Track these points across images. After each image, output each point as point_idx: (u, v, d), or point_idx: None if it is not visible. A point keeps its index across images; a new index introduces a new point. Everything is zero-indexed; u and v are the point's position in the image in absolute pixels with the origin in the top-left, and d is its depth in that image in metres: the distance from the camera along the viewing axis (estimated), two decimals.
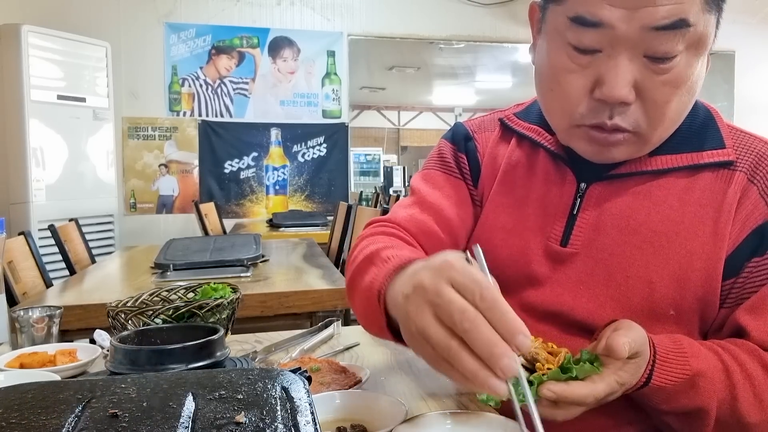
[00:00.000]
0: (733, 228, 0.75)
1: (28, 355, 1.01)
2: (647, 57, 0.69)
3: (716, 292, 0.75)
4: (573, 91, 0.73)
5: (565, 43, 0.72)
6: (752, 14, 5.48)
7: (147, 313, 1.01)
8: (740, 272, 0.75)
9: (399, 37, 5.03)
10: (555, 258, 0.82)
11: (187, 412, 0.48)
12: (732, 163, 0.77)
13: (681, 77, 0.70)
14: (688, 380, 0.68)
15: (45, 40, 3.71)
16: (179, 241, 2.44)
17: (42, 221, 3.46)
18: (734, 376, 0.70)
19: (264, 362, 1.02)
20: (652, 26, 0.66)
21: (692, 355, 0.69)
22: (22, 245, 2.25)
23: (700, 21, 0.67)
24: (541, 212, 0.84)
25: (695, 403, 0.69)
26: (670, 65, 0.69)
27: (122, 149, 4.53)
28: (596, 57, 0.70)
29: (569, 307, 0.79)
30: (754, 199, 0.75)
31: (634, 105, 0.71)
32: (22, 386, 0.54)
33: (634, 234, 0.78)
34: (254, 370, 0.57)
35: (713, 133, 0.80)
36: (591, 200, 0.81)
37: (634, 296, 0.76)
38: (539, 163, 0.87)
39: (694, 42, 0.69)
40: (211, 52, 4.66)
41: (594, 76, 0.71)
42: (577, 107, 0.73)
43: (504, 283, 0.77)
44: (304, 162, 4.89)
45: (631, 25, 0.66)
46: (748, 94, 5.54)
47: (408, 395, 0.85)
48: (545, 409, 0.63)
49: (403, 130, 10.35)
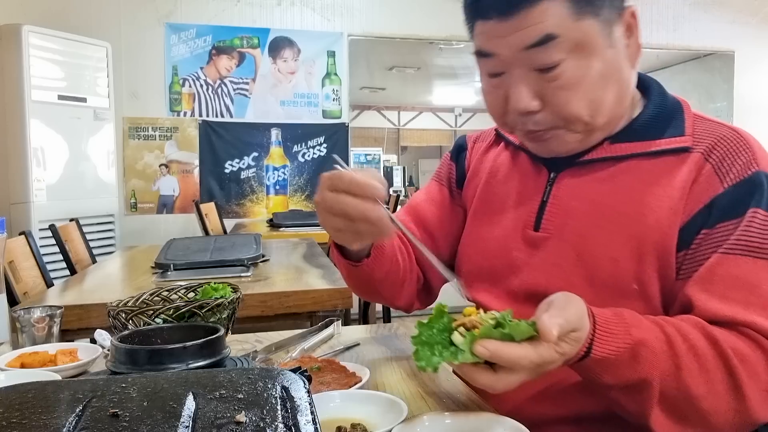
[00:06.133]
0: (688, 202, 0.80)
1: (29, 354, 1.01)
2: (537, 70, 0.79)
3: (672, 265, 0.80)
4: (496, 107, 0.87)
5: (482, 72, 0.87)
6: (752, 14, 5.47)
7: (147, 312, 1.01)
8: (690, 244, 0.79)
9: (399, 38, 5.02)
10: (531, 243, 0.90)
11: (188, 412, 0.48)
12: (688, 148, 0.83)
13: (573, 80, 0.79)
14: (629, 350, 0.67)
15: (45, 40, 3.71)
16: (180, 241, 2.44)
17: (43, 221, 3.46)
18: (677, 346, 0.69)
19: (264, 362, 1.02)
20: (524, 47, 0.78)
21: (633, 325, 0.69)
22: (22, 245, 2.25)
23: (569, 30, 0.77)
24: (519, 204, 0.94)
25: (638, 374, 0.68)
26: (557, 72, 0.79)
27: (123, 149, 4.52)
28: (502, 78, 0.83)
29: (544, 288, 0.80)
30: (708, 175, 0.80)
31: (544, 111, 0.82)
32: (22, 386, 0.54)
33: (599, 216, 0.85)
34: (254, 370, 0.57)
35: (677, 123, 0.86)
36: (560, 186, 0.90)
37: (601, 273, 0.82)
38: (520, 163, 0.98)
39: (575, 47, 0.78)
40: (211, 52, 4.65)
41: (504, 93, 0.84)
42: (504, 119, 0.87)
43: (492, 273, 0.95)
44: (304, 162, 4.89)
45: (511, 50, 0.79)
46: (747, 93, 5.53)
47: (408, 395, 0.86)
48: (483, 378, 0.64)
49: (403, 130, 10.33)
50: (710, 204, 0.78)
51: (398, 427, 0.69)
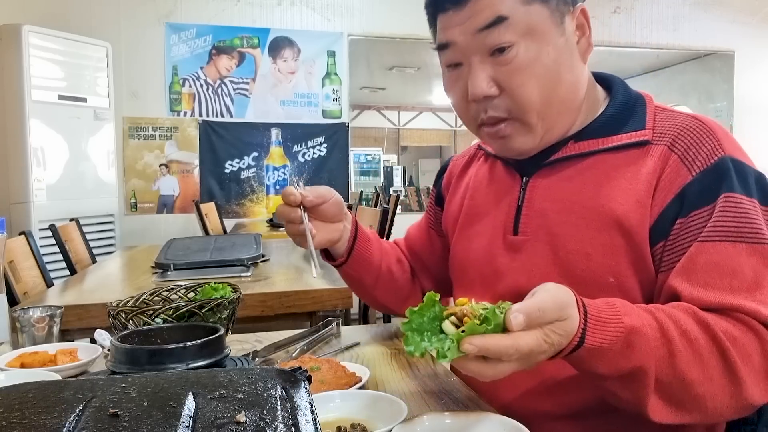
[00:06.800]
0: (658, 194, 0.81)
1: (29, 354, 1.01)
2: (492, 55, 0.84)
3: (647, 258, 0.81)
4: (458, 100, 0.91)
5: (443, 67, 0.92)
6: (752, 14, 5.48)
7: (147, 312, 1.01)
8: (668, 236, 0.80)
9: (399, 37, 5.03)
10: (511, 247, 0.93)
11: (188, 412, 0.48)
12: (648, 142, 0.85)
13: (526, 62, 0.83)
14: (622, 338, 0.67)
15: (46, 40, 3.71)
16: (180, 240, 2.44)
17: (43, 221, 3.46)
18: (670, 332, 0.69)
19: (264, 362, 1.02)
20: (477, 29, 0.83)
21: (625, 313, 0.69)
22: (22, 245, 2.25)
23: (518, 13, 0.82)
24: (499, 211, 0.97)
25: (633, 363, 0.68)
26: (510, 55, 0.83)
27: (123, 149, 4.52)
28: (461, 70, 0.88)
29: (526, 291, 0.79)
30: (675, 166, 0.81)
31: (501, 97, 0.85)
32: (22, 386, 0.54)
33: (569, 213, 0.87)
34: (254, 370, 0.57)
35: (638, 117, 0.88)
36: (532, 189, 0.93)
37: (576, 269, 0.85)
38: (496, 172, 1.02)
39: (525, 31, 0.82)
40: (211, 52, 4.65)
41: (464, 84, 0.87)
42: (467, 112, 0.91)
43: (480, 280, 0.98)
44: (304, 162, 4.89)
45: (466, 35, 0.84)
46: (747, 93, 5.53)
47: (408, 395, 0.86)
48: (473, 365, 0.62)
49: (403, 130, 10.30)
50: (681, 193, 0.79)
51: (398, 427, 0.69)
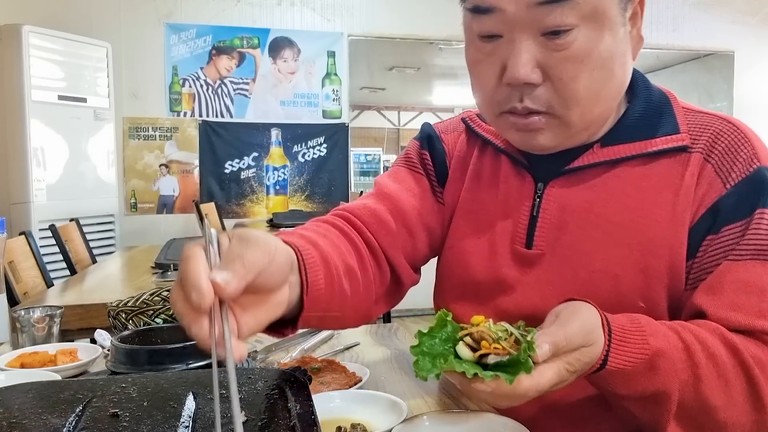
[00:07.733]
0: (692, 209, 0.74)
1: (29, 354, 1.01)
2: (544, 35, 0.70)
3: (682, 279, 0.74)
4: (486, 80, 0.76)
5: (473, 35, 0.75)
6: (752, 14, 5.47)
7: (147, 312, 1.01)
8: (696, 252, 0.73)
9: (399, 38, 5.02)
10: (522, 261, 0.82)
11: (188, 412, 0.48)
12: (687, 147, 0.76)
13: (582, 52, 0.70)
14: (647, 361, 0.63)
15: (45, 40, 3.71)
16: (180, 241, 2.44)
17: (43, 221, 3.45)
18: (696, 356, 0.65)
19: (264, 362, 1.02)
20: (537, 1, 0.68)
21: (651, 333, 0.64)
22: (22, 245, 2.25)
23: None
24: (505, 216, 0.85)
25: (656, 386, 0.64)
26: (567, 40, 0.69)
27: (123, 149, 4.52)
28: (499, 43, 0.73)
29: (540, 310, 0.73)
30: (710, 177, 0.74)
31: (544, 86, 0.72)
32: (23, 386, 0.54)
33: (594, 228, 0.78)
34: (255, 370, 0.57)
35: (668, 119, 0.79)
36: (550, 199, 0.81)
37: (600, 291, 0.75)
38: (502, 168, 0.88)
39: (589, 15, 0.69)
40: (211, 52, 4.65)
41: (500, 62, 0.73)
42: (494, 95, 0.76)
43: (478, 290, 0.86)
44: (304, 162, 4.89)
45: (519, 5, 0.69)
46: (747, 93, 5.53)
47: (408, 395, 0.86)
48: (486, 395, 0.58)
49: (403, 131, 10.32)
50: (714, 208, 0.73)
51: (398, 427, 0.68)
